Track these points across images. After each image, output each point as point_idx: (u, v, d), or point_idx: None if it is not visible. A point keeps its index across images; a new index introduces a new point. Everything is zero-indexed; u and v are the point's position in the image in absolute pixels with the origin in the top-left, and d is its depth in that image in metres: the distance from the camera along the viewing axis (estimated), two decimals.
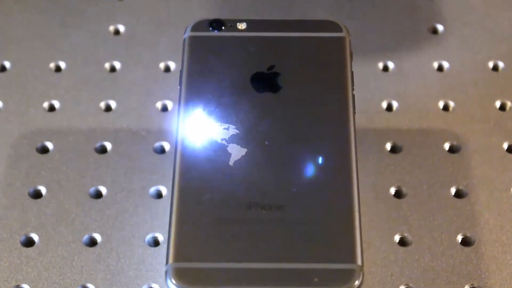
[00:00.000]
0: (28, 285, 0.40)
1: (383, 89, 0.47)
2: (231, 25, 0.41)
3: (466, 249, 0.41)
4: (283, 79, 0.39)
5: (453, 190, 0.43)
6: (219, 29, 0.41)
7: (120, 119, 0.45)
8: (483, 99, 0.46)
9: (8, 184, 0.43)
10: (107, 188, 0.43)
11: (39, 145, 0.44)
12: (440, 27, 0.49)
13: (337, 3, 0.50)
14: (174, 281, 0.34)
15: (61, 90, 0.47)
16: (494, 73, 0.47)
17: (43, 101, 0.46)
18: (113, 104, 0.46)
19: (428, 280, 0.40)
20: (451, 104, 0.46)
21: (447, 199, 0.42)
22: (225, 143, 0.37)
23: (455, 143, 0.44)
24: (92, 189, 0.43)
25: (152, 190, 0.43)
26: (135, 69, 0.48)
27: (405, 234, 0.41)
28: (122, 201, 0.42)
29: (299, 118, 0.38)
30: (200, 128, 0.38)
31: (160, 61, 0.48)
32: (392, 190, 0.43)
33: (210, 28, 0.41)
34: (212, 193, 0.36)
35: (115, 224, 0.41)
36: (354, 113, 0.38)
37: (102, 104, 0.46)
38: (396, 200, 0.42)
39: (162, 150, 0.44)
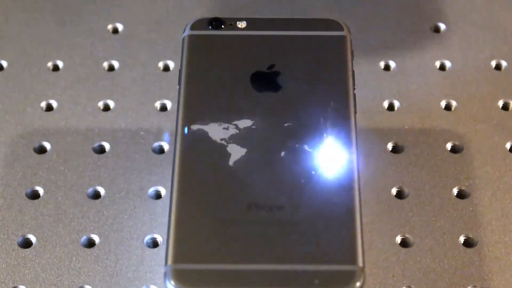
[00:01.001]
0: (25, 286, 0.40)
1: (385, 89, 0.47)
2: (230, 23, 0.41)
3: (469, 250, 0.41)
4: (283, 78, 0.39)
5: (455, 191, 0.43)
6: (219, 28, 0.41)
7: (119, 119, 0.45)
8: (486, 99, 0.46)
9: (5, 184, 0.43)
10: (105, 189, 0.43)
11: (36, 145, 0.44)
12: (442, 26, 0.49)
13: (338, 1, 0.50)
14: (173, 283, 0.34)
15: (59, 89, 0.47)
16: (497, 72, 0.47)
17: (41, 101, 0.46)
18: (111, 103, 0.46)
19: (430, 282, 0.40)
20: (454, 103, 0.46)
21: (449, 200, 0.42)
22: (225, 143, 0.37)
23: (457, 143, 0.44)
24: (90, 190, 0.43)
25: (151, 190, 0.43)
26: (133, 68, 0.48)
27: (407, 235, 0.41)
28: (121, 202, 0.42)
29: (300, 118, 0.38)
30: (199, 128, 0.38)
31: (159, 60, 0.48)
32: (394, 191, 0.43)
33: (210, 27, 0.41)
34: (212, 194, 0.36)
35: (113, 225, 0.41)
36: (355, 112, 0.38)
37: (100, 104, 0.46)
38: (397, 200, 0.42)
39: (161, 150, 0.44)
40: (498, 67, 0.48)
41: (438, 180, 0.43)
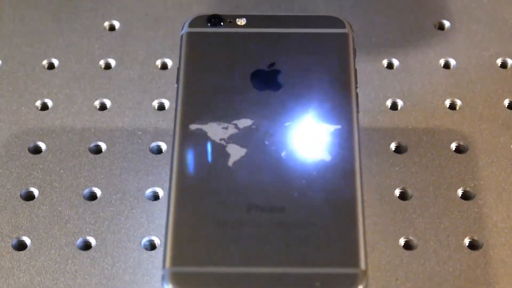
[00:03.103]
0: None
1: (388, 87, 0.47)
2: (230, 20, 0.41)
3: (474, 252, 0.41)
4: (284, 77, 0.39)
5: (460, 192, 0.43)
6: (218, 25, 0.41)
7: (115, 118, 0.45)
8: (491, 98, 0.46)
9: None
10: (102, 190, 0.43)
11: (31, 145, 0.44)
12: (446, 23, 0.49)
13: None
14: (171, 286, 0.34)
15: (54, 88, 0.47)
16: (503, 70, 0.47)
17: (36, 100, 0.46)
18: (108, 102, 0.46)
19: (434, 285, 0.40)
20: (458, 102, 0.46)
21: (454, 201, 0.42)
22: (224, 143, 0.37)
23: (462, 143, 0.44)
24: (86, 191, 0.43)
25: (149, 191, 0.43)
26: (130, 66, 0.48)
27: (411, 237, 0.41)
28: (117, 203, 0.42)
29: (301, 117, 0.38)
30: (198, 128, 0.38)
31: (157, 58, 0.48)
32: (397, 192, 0.43)
33: (209, 24, 0.41)
34: (211, 195, 0.36)
35: (110, 227, 0.41)
36: (358, 112, 0.38)
37: (97, 103, 0.46)
38: (401, 202, 0.42)
39: (158, 151, 0.44)
40: (503, 65, 0.48)
41: (443, 180, 0.43)
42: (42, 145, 0.44)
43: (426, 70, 0.47)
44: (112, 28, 0.49)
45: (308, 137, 0.37)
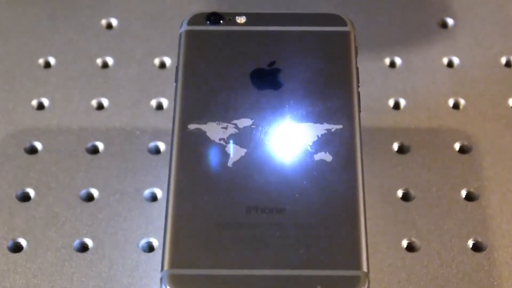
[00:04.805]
0: None
1: (390, 86, 0.47)
2: (229, 18, 0.41)
3: (477, 254, 0.41)
4: (284, 76, 0.39)
5: (463, 193, 0.43)
6: (217, 23, 0.41)
7: (113, 117, 0.45)
8: (496, 97, 0.46)
9: None
10: (99, 191, 0.43)
11: (27, 145, 0.44)
12: (450, 21, 0.49)
13: None
14: None
15: (51, 87, 0.47)
16: (507, 69, 0.47)
17: (32, 99, 0.46)
18: (105, 102, 0.46)
19: (437, 287, 0.40)
20: (462, 102, 0.46)
21: (458, 202, 0.42)
22: (224, 143, 0.37)
23: (465, 143, 0.44)
24: (83, 192, 0.43)
25: (147, 192, 0.43)
26: (128, 65, 0.48)
27: (413, 239, 0.41)
28: (115, 204, 0.42)
29: (301, 117, 0.38)
30: (197, 128, 0.38)
31: (155, 56, 0.48)
32: (400, 193, 0.43)
33: (208, 22, 0.41)
34: (210, 196, 0.36)
35: (108, 229, 0.41)
36: (359, 111, 0.38)
37: (94, 102, 0.46)
38: (403, 203, 0.42)
39: (157, 151, 0.44)
40: (508, 64, 0.48)
41: (446, 181, 0.43)
42: (39, 145, 0.44)
43: (429, 69, 0.47)
44: (109, 26, 0.49)
45: (309, 137, 0.37)
